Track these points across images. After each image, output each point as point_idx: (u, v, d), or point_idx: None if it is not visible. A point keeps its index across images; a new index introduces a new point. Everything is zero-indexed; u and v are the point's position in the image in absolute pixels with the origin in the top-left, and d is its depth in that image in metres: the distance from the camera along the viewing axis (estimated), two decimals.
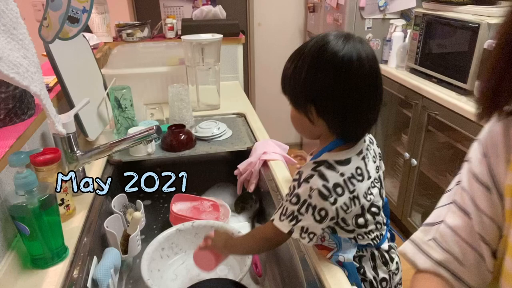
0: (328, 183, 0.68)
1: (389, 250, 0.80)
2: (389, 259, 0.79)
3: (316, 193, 0.67)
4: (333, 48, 0.65)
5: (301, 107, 0.71)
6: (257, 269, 1.03)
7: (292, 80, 0.70)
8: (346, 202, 0.69)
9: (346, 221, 0.72)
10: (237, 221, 1.23)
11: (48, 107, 0.75)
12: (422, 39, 2.03)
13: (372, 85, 0.67)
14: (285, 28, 3.16)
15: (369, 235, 0.75)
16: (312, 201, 0.68)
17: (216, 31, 1.64)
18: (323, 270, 0.77)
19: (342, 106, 0.67)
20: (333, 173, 0.69)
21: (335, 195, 0.68)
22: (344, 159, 0.71)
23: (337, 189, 0.68)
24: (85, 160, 1.01)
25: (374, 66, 0.67)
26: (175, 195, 1.19)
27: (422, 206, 2.19)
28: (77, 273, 0.79)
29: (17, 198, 0.74)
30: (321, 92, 0.67)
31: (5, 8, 0.65)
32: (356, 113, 0.68)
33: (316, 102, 0.68)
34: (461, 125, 1.67)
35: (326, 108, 0.68)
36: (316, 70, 0.66)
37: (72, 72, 1.19)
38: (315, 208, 0.68)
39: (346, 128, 0.70)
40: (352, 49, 0.65)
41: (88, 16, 0.99)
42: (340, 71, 0.65)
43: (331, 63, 0.65)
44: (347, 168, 0.70)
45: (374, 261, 0.78)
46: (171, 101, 1.45)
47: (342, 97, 0.66)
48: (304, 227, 0.70)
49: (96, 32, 1.97)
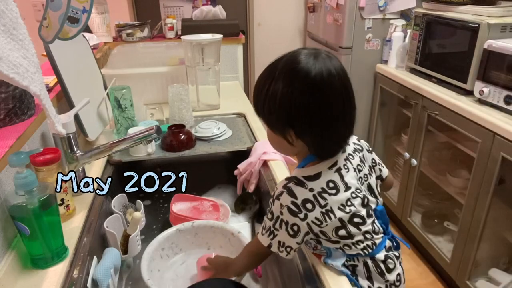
0: (296, 200, 0.69)
1: (385, 260, 0.77)
2: (386, 269, 0.77)
3: (286, 210, 0.70)
4: (304, 68, 0.65)
5: (279, 130, 0.71)
6: (257, 269, 1.03)
7: (267, 103, 0.69)
8: (317, 217, 0.70)
9: (326, 234, 0.72)
10: (237, 221, 1.23)
11: (48, 107, 0.75)
12: (422, 39, 2.03)
13: (346, 99, 0.68)
14: (285, 28, 3.16)
15: (357, 245, 0.74)
16: (283, 217, 0.71)
17: (216, 31, 1.64)
18: (323, 270, 0.77)
19: (320, 126, 0.68)
20: (301, 189, 0.70)
21: (305, 211, 0.69)
22: (314, 174, 0.71)
23: (306, 204, 0.69)
24: (85, 160, 1.01)
25: (345, 80, 0.68)
26: (175, 195, 1.19)
27: (422, 206, 2.19)
28: (77, 273, 0.79)
29: (17, 198, 0.74)
30: (298, 115, 0.67)
31: (5, 8, 0.65)
32: (332, 130, 0.69)
33: (295, 125, 0.68)
34: (461, 125, 1.67)
35: (305, 130, 0.69)
36: (291, 93, 0.66)
37: (72, 72, 1.19)
38: (288, 223, 0.71)
39: (324, 145, 0.71)
40: (322, 67, 0.66)
41: (88, 16, 0.99)
42: (314, 90, 0.65)
43: (305, 84, 0.65)
44: (317, 183, 0.70)
45: (368, 271, 0.76)
46: (171, 101, 1.45)
47: (319, 117, 0.67)
48: (280, 241, 0.73)
49: (96, 32, 1.97)
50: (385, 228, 0.79)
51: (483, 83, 1.63)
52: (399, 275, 0.79)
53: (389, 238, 0.80)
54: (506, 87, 1.53)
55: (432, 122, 1.92)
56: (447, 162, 2.07)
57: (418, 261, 2.12)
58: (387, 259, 0.77)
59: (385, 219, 0.79)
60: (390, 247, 0.79)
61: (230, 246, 1.02)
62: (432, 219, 2.09)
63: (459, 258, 1.74)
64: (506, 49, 1.52)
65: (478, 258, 1.66)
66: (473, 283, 1.69)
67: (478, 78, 1.66)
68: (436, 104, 1.82)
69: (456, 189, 1.88)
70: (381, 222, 0.78)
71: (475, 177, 1.61)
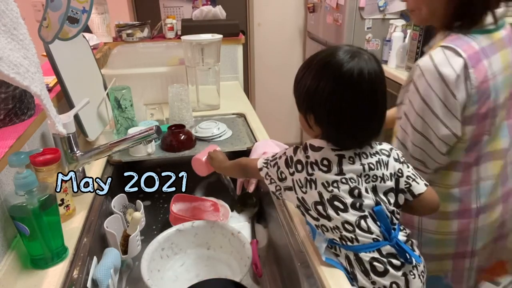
0: (294, 157, 0.78)
1: (371, 262, 0.74)
2: (371, 270, 0.74)
3: (283, 159, 0.80)
4: (337, 62, 0.71)
5: (302, 112, 0.79)
6: (257, 269, 1.03)
7: (298, 86, 0.77)
8: (301, 180, 0.77)
9: (307, 203, 0.77)
10: (237, 221, 1.23)
11: (49, 107, 0.75)
12: (422, 39, 2.03)
13: (371, 104, 0.72)
14: (285, 28, 3.16)
15: (334, 231, 0.75)
16: (279, 161, 0.81)
17: (216, 31, 1.64)
18: (323, 270, 0.77)
19: (338, 119, 0.73)
20: (301, 153, 0.78)
21: (294, 169, 0.78)
22: (317, 146, 0.76)
23: (297, 165, 0.77)
24: (85, 160, 1.01)
25: (376, 85, 0.72)
26: (175, 195, 1.19)
27: None
28: (77, 273, 0.79)
29: (17, 198, 0.74)
30: (319, 103, 0.73)
31: (5, 9, 0.65)
32: (350, 127, 0.73)
33: (315, 111, 0.75)
34: None
35: (323, 119, 0.75)
36: (318, 81, 0.72)
37: (72, 72, 1.19)
38: (279, 168, 0.81)
39: (337, 138, 0.76)
40: (355, 65, 0.70)
41: (88, 16, 0.99)
42: (339, 84, 0.70)
43: (333, 76, 0.71)
44: (314, 154, 0.76)
45: (350, 265, 0.76)
46: (171, 101, 1.45)
47: (339, 110, 0.72)
48: (268, 173, 0.84)
49: (96, 32, 1.97)
50: (386, 234, 0.75)
51: None
52: (396, 284, 0.75)
53: (392, 245, 0.75)
54: None
55: None
56: None
57: None
58: (374, 261, 0.74)
59: (385, 222, 0.75)
60: (390, 253, 0.76)
61: (230, 246, 1.02)
62: None
63: None
64: None
65: None
66: None
67: None
68: None
69: None
70: (383, 227, 0.75)
71: None
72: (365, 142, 0.77)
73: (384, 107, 0.75)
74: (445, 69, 0.86)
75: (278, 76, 3.25)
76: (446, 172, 0.99)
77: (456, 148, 0.95)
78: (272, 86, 3.27)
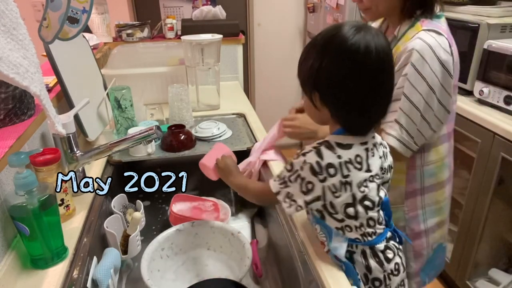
0: (322, 161, 0.70)
1: (385, 250, 0.78)
2: (384, 259, 0.77)
3: (307, 167, 0.70)
4: (342, 36, 0.66)
5: (307, 92, 0.73)
6: (257, 269, 1.03)
7: (302, 65, 0.72)
8: (335, 184, 0.70)
9: (335, 207, 0.73)
10: (237, 221, 1.23)
11: (48, 108, 0.75)
12: None
13: (378, 80, 0.68)
14: (285, 29, 3.16)
15: (359, 229, 0.75)
16: (302, 173, 0.71)
17: (216, 31, 1.64)
18: (323, 270, 0.77)
19: (344, 95, 0.69)
20: (330, 153, 0.70)
21: (326, 174, 0.70)
22: (346, 144, 0.72)
23: (329, 169, 0.70)
24: (85, 160, 1.01)
25: (383, 60, 0.68)
26: (175, 195, 1.19)
27: None
28: (77, 273, 0.79)
29: (17, 198, 0.74)
30: (325, 79, 0.69)
31: (5, 9, 0.65)
32: (358, 105, 0.70)
33: (320, 89, 0.70)
34: (461, 125, 1.67)
35: (329, 96, 0.70)
36: (322, 57, 0.68)
37: (72, 72, 1.19)
38: (304, 180, 0.71)
39: (348, 118, 0.72)
40: (361, 39, 0.66)
41: (88, 16, 0.99)
42: (344, 59, 0.66)
43: (338, 51, 0.67)
44: (347, 153, 0.71)
45: (366, 259, 0.77)
46: (171, 101, 1.45)
47: (344, 86, 0.68)
48: (289, 193, 0.74)
49: (96, 32, 1.97)
50: (387, 220, 0.80)
51: (483, 83, 1.63)
52: (397, 264, 0.79)
53: (390, 231, 0.81)
54: (506, 87, 1.53)
55: None
56: None
57: None
58: (387, 249, 0.78)
59: (388, 211, 0.80)
60: (391, 237, 0.81)
61: (230, 246, 1.02)
62: None
63: (459, 258, 1.74)
64: (506, 49, 1.52)
65: (478, 258, 1.66)
66: (473, 283, 1.69)
67: (478, 78, 1.66)
68: None
69: (456, 189, 1.87)
70: (384, 213, 0.79)
71: (475, 177, 1.61)
72: (376, 122, 0.74)
73: (392, 83, 0.72)
74: (442, 53, 0.89)
75: (278, 76, 3.24)
76: (436, 148, 1.04)
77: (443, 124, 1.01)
78: (272, 86, 3.27)
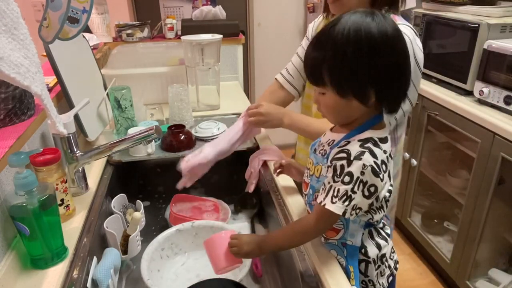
0: (377, 160, 0.68)
1: (383, 227, 0.81)
2: (386, 234, 0.81)
3: (369, 170, 0.67)
4: (380, 28, 0.65)
5: (357, 93, 0.68)
6: (257, 269, 1.03)
7: (340, 69, 0.67)
8: (388, 179, 0.72)
9: (379, 199, 0.73)
10: (237, 221, 1.23)
11: (49, 107, 0.75)
12: (421, 39, 2.02)
13: (406, 52, 0.70)
14: (285, 28, 3.16)
15: (380, 211, 0.75)
16: (364, 177, 0.67)
17: (216, 31, 1.64)
18: (323, 271, 0.77)
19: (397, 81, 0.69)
20: (379, 150, 0.69)
21: (383, 172, 0.69)
22: (384, 137, 0.72)
23: (382, 165, 0.69)
24: (85, 160, 1.01)
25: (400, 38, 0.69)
26: (175, 196, 1.19)
27: (422, 206, 2.19)
28: (77, 273, 0.79)
29: (17, 198, 0.74)
30: (380, 75, 0.66)
31: (6, 8, 0.65)
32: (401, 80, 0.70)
33: (376, 84, 0.67)
34: (461, 125, 1.67)
35: (386, 91, 0.68)
36: (373, 54, 0.65)
37: (72, 72, 1.19)
38: (366, 184, 0.68)
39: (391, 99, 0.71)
40: (390, 24, 0.66)
41: (88, 16, 0.99)
42: (394, 49, 0.67)
43: (386, 44, 0.65)
44: (387, 146, 0.71)
45: (372, 238, 0.79)
46: (171, 101, 1.45)
47: (396, 69, 0.68)
48: (355, 205, 0.69)
49: (96, 32, 1.97)
50: None
51: (483, 83, 1.63)
52: (387, 234, 0.82)
53: None
54: (506, 87, 1.53)
55: (432, 122, 1.92)
56: (447, 162, 2.07)
57: (418, 261, 2.12)
58: (384, 225, 0.82)
59: None
60: None
61: None
62: (432, 220, 2.09)
63: (459, 258, 1.74)
64: (506, 49, 1.52)
65: (478, 258, 1.66)
66: (473, 283, 1.69)
67: (478, 78, 1.66)
68: (436, 104, 1.82)
69: (456, 189, 1.88)
70: None
71: (475, 177, 1.61)
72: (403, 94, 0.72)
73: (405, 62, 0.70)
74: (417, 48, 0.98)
75: None
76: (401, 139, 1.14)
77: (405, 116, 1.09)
78: None
